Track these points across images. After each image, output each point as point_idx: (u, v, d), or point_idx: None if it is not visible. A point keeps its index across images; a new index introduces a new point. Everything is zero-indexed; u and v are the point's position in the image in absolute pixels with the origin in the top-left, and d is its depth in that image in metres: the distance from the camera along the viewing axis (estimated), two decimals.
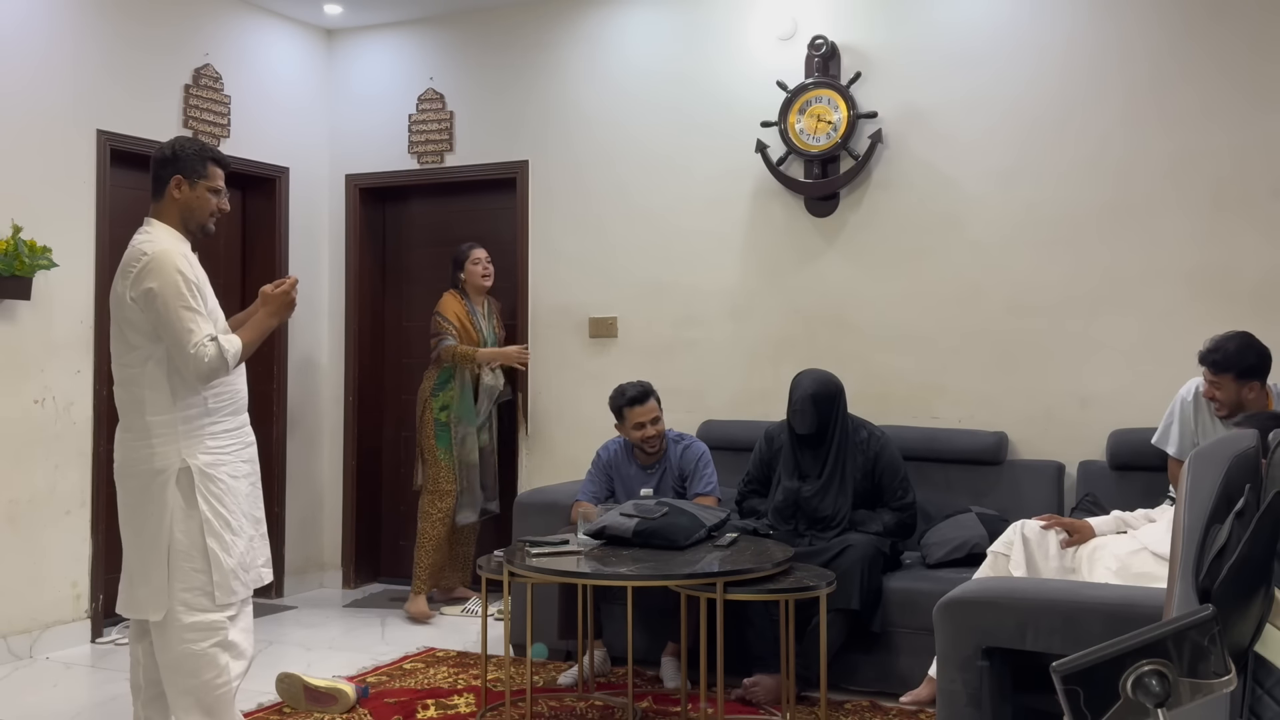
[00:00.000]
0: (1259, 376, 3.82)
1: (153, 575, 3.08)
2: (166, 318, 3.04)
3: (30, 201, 4.70)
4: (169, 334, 3.05)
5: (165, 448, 3.08)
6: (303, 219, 6.06)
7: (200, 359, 3.04)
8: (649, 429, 4.50)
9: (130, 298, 3.07)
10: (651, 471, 4.58)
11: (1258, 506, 1.49)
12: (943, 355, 4.93)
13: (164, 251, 3.09)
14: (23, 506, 4.71)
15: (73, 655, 4.76)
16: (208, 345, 3.05)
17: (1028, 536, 3.74)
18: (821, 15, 5.15)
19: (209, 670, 3.08)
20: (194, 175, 3.21)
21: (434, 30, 6.03)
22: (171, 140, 3.30)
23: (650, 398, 4.53)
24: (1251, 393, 3.82)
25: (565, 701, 4.11)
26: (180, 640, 3.07)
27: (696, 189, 5.39)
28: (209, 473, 3.10)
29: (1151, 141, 4.61)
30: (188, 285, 3.08)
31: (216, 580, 3.08)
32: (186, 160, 3.21)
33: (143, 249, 3.11)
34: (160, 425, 3.09)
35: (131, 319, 3.09)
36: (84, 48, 4.98)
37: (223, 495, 3.12)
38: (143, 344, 3.10)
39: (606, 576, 3.62)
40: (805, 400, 4.28)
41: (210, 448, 3.13)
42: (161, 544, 3.06)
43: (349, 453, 6.16)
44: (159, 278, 3.05)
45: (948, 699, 2.76)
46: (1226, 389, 3.82)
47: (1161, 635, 1.18)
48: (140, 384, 3.11)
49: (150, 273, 3.06)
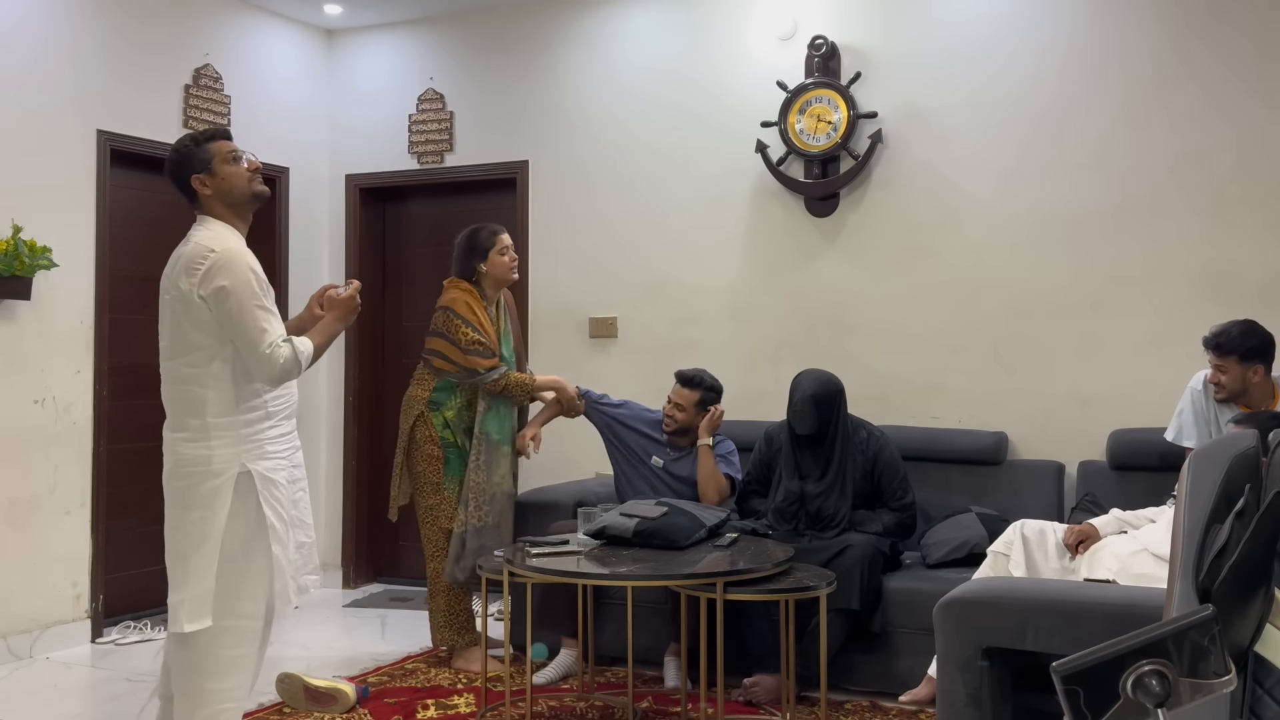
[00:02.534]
0: (1263, 360, 3.86)
1: (200, 581, 2.93)
2: (240, 317, 2.94)
3: (30, 201, 4.70)
4: (241, 333, 2.95)
5: (225, 450, 2.96)
6: (303, 219, 6.06)
7: (275, 360, 2.95)
8: (671, 408, 4.53)
9: (200, 295, 2.95)
10: (675, 455, 4.60)
11: (1258, 506, 1.49)
12: (943, 355, 4.93)
13: (233, 249, 3.00)
14: (23, 506, 4.71)
15: (73, 655, 4.76)
16: (282, 346, 2.97)
17: (1028, 536, 3.74)
18: (821, 15, 5.15)
19: (229, 678, 2.97)
20: (205, 165, 3.11)
21: (434, 30, 6.03)
22: (171, 150, 3.16)
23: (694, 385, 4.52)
24: (1256, 376, 3.86)
25: (565, 701, 4.11)
26: (214, 644, 2.93)
27: (697, 189, 5.39)
28: (270, 477, 3.00)
29: (1153, 140, 4.61)
30: (260, 284, 3.00)
31: (278, 588, 2.99)
32: (190, 157, 3.11)
33: (209, 245, 2.98)
34: (222, 427, 2.98)
35: (197, 317, 2.97)
36: (84, 47, 4.98)
37: (283, 500, 3.04)
38: (207, 343, 2.99)
39: (606, 576, 3.62)
40: (806, 401, 4.27)
41: (269, 452, 3.03)
42: (210, 549, 2.92)
43: (349, 453, 6.16)
44: (231, 275, 2.94)
45: (948, 699, 2.76)
46: (1231, 372, 3.86)
47: (1161, 635, 1.17)
48: (204, 384, 2.99)
49: (221, 270, 2.95)
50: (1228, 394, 3.90)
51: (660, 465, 4.56)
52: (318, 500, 6.13)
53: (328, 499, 6.19)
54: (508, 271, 4.57)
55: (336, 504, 6.18)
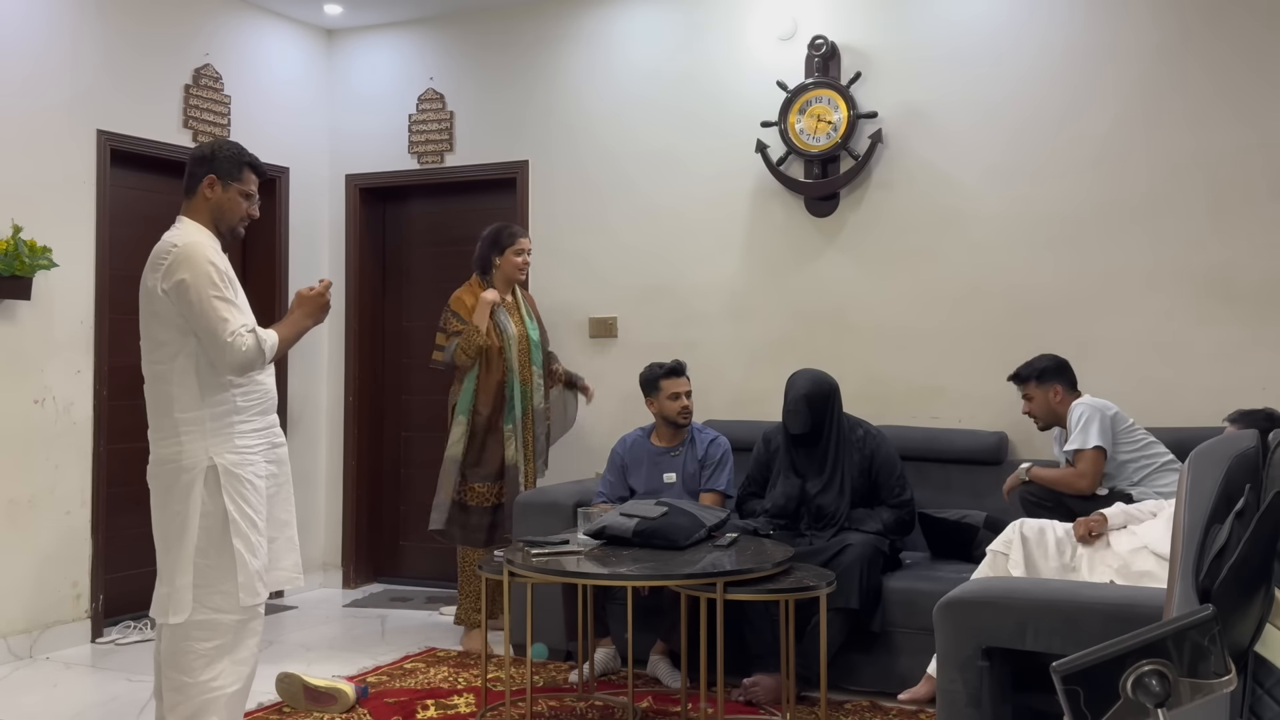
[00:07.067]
0: (1057, 378, 4.17)
1: (178, 575, 3.03)
2: (200, 308, 3.00)
3: (30, 201, 4.70)
4: (202, 325, 3.01)
5: (193, 445, 3.04)
6: (303, 219, 6.06)
7: (237, 348, 3.00)
8: (684, 400, 4.61)
9: (162, 290, 3.03)
10: (675, 453, 4.61)
11: (1258, 506, 1.49)
12: (943, 355, 4.93)
13: (194, 243, 3.07)
14: (23, 506, 4.71)
15: (73, 655, 4.76)
16: (245, 335, 3.02)
17: (1027, 536, 3.74)
18: (821, 15, 5.15)
19: (205, 671, 3.03)
20: (228, 177, 3.19)
21: (434, 30, 6.03)
22: (211, 140, 3.29)
23: (685, 372, 4.67)
24: (1056, 396, 4.15)
25: (565, 701, 4.11)
26: (186, 636, 3.02)
27: (696, 189, 5.39)
28: (235, 472, 3.06)
29: (1152, 141, 4.61)
30: (220, 276, 3.05)
31: (242, 581, 3.04)
32: (222, 161, 3.19)
33: (173, 241, 3.08)
34: (188, 422, 3.05)
35: (161, 313, 3.05)
36: (84, 48, 4.98)
37: (248, 495, 3.09)
38: (172, 339, 3.05)
39: (606, 577, 3.62)
40: (799, 400, 4.29)
41: (238, 446, 3.08)
42: (188, 543, 3.02)
43: (349, 453, 6.16)
44: (190, 269, 3.01)
45: (948, 699, 2.76)
46: (1035, 399, 4.20)
47: (1161, 635, 1.18)
48: (169, 380, 3.06)
49: (181, 264, 3.02)
50: (1042, 421, 4.23)
51: (674, 480, 4.57)
52: (317, 500, 6.13)
53: (328, 499, 6.19)
54: (516, 271, 4.98)
55: (336, 504, 6.18)
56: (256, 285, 5.92)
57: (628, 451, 4.71)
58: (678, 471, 4.57)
